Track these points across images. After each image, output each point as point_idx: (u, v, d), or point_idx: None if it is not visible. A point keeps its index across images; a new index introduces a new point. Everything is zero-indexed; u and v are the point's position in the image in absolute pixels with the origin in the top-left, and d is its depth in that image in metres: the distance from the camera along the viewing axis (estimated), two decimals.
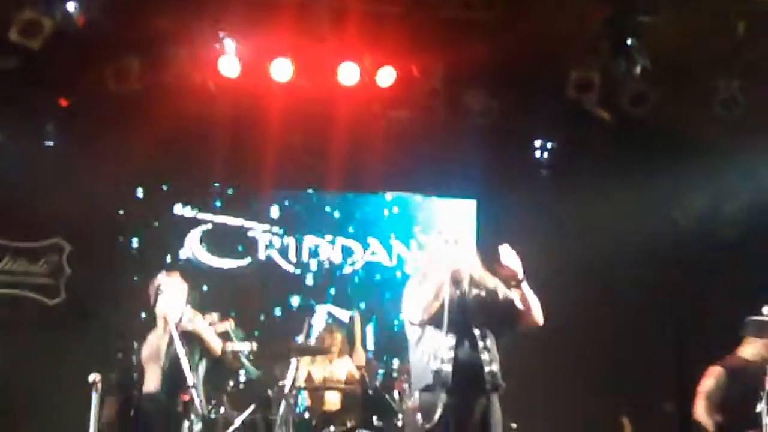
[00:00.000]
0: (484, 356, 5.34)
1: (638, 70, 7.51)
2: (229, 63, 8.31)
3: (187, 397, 5.88)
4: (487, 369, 5.32)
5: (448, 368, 5.23)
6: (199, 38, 8.17)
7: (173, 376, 6.10)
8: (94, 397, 6.33)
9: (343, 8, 7.95)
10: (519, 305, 5.42)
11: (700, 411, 6.65)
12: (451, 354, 5.26)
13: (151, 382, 6.37)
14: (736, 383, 6.55)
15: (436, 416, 5.21)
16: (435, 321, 5.32)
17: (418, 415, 5.36)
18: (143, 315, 6.85)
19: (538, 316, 5.46)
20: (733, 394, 6.53)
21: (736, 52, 7.82)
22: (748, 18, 7.36)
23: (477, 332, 5.37)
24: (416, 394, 5.42)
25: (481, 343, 5.36)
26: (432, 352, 5.32)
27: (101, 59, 8.24)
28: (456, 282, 5.38)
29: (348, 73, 8.52)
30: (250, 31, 8.18)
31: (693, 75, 8.23)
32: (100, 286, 9.43)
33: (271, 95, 8.86)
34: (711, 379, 6.68)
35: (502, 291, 5.47)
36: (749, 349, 6.64)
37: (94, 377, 6.42)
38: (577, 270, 9.57)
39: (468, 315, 5.39)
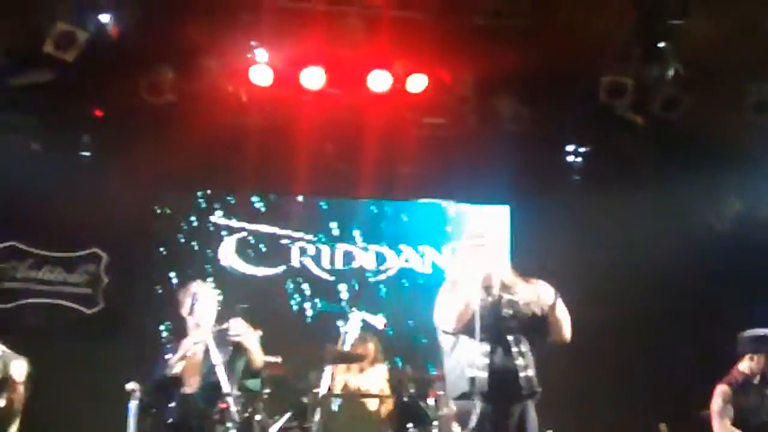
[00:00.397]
0: (519, 361, 5.34)
1: (670, 74, 7.47)
2: (261, 72, 8.38)
3: (224, 405, 5.93)
4: (522, 374, 5.31)
5: (483, 375, 5.23)
6: (231, 48, 8.24)
7: (210, 383, 6.15)
8: (132, 406, 6.38)
9: (373, 15, 7.98)
10: (550, 319, 5.41)
11: (718, 429, 6.69)
12: (486, 360, 5.26)
13: (188, 388, 6.42)
14: (743, 397, 6.59)
15: (472, 423, 5.21)
16: (468, 328, 5.32)
17: (454, 423, 5.37)
18: (179, 323, 6.90)
19: (567, 333, 5.46)
20: (743, 407, 6.57)
21: None
22: None
23: (510, 337, 5.37)
24: (451, 402, 5.43)
25: (515, 349, 5.35)
26: (467, 360, 5.32)
27: (135, 70, 8.33)
28: (487, 288, 5.37)
29: (379, 81, 8.54)
30: (281, 40, 8.23)
31: (725, 79, 8.17)
32: (138, 294, 9.54)
33: (303, 103, 8.91)
34: (718, 398, 6.75)
35: (534, 298, 5.47)
36: (747, 364, 6.68)
37: (132, 386, 6.47)
38: (611, 275, 9.52)
39: (500, 320, 5.39)
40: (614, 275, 9.54)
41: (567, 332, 5.45)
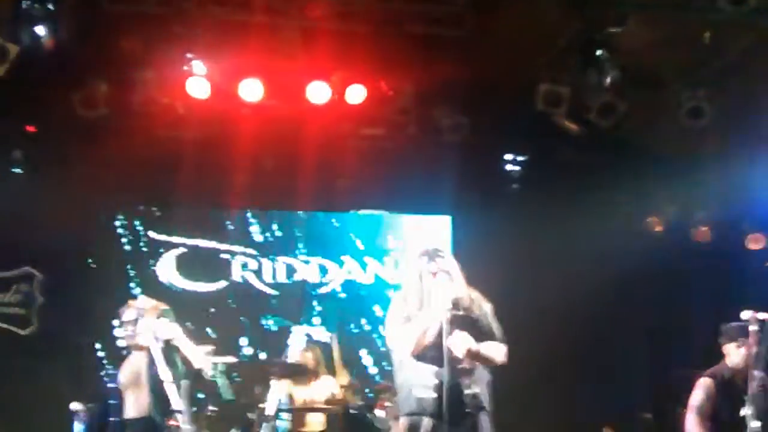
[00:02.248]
0: (465, 379, 5.30)
1: (607, 81, 7.55)
2: (198, 84, 8.25)
3: (173, 422, 5.79)
4: (467, 392, 5.27)
5: (432, 395, 5.18)
6: (166, 60, 8.10)
7: (159, 400, 6.01)
8: (77, 427, 6.22)
9: (312, 27, 7.93)
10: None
11: (690, 425, 6.65)
12: (435, 381, 5.22)
13: (133, 407, 6.27)
14: (725, 393, 6.54)
15: None
16: (424, 356, 5.29)
17: None
18: (120, 341, 6.75)
19: (500, 358, 5.43)
20: (723, 403, 6.53)
21: (702, 62, 7.91)
22: (713, 28, 7.44)
23: (459, 354, 5.33)
24: (403, 417, 5.39)
25: (461, 366, 5.31)
26: (416, 379, 5.28)
27: (68, 84, 8.14)
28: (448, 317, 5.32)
29: (318, 92, 8.48)
30: (218, 52, 8.13)
31: (660, 85, 8.31)
32: (74, 313, 9.32)
33: (241, 116, 8.82)
34: (699, 391, 6.67)
35: (484, 315, 5.45)
36: (733, 357, 6.64)
37: (76, 406, 6.31)
38: (552, 281, 9.61)
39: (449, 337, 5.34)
40: (555, 281, 9.62)
41: (500, 358, 5.42)
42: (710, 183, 9.47)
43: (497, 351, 5.42)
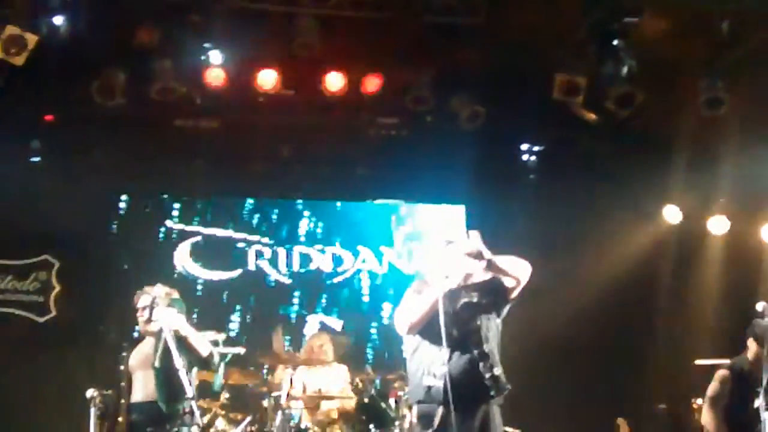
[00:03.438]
0: (482, 363, 5.30)
1: (624, 71, 7.51)
2: (215, 74, 8.28)
3: (187, 409, 5.83)
4: (487, 375, 5.28)
5: (440, 384, 5.18)
6: (184, 50, 8.13)
7: (169, 385, 6.04)
8: (93, 413, 6.27)
9: (328, 17, 7.92)
10: (502, 281, 5.39)
11: (707, 416, 6.66)
12: (444, 369, 5.21)
13: (141, 390, 6.32)
14: (742, 385, 6.54)
15: (434, 426, 5.19)
16: (427, 335, 5.29)
17: (417, 425, 5.35)
18: (135, 327, 6.80)
19: (518, 273, 5.40)
20: (739, 395, 6.53)
21: (721, 52, 7.85)
22: (731, 17, 7.38)
23: (470, 340, 5.34)
24: (415, 405, 5.41)
25: (476, 351, 5.31)
26: (426, 367, 5.29)
27: (86, 74, 8.16)
28: (451, 295, 5.33)
29: (334, 81, 8.50)
30: (235, 41, 8.15)
31: (678, 75, 8.26)
32: (91, 301, 9.39)
33: (257, 105, 8.83)
34: (716, 383, 6.69)
35: (487, 284, 5.46)
36: (752, 351, 6.64)
37: (91, 393, 6.35)
38: (568, 272, 9.59)
39: (461, 324, 5.35)
40: (571, 272, 9.60)
41: (518, 273, 5.39)
42: (728, 173, 9.40)
43: (519, 266, 5.37)
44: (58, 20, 7.14)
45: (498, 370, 5.32)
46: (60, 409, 8.25)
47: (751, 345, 6.62)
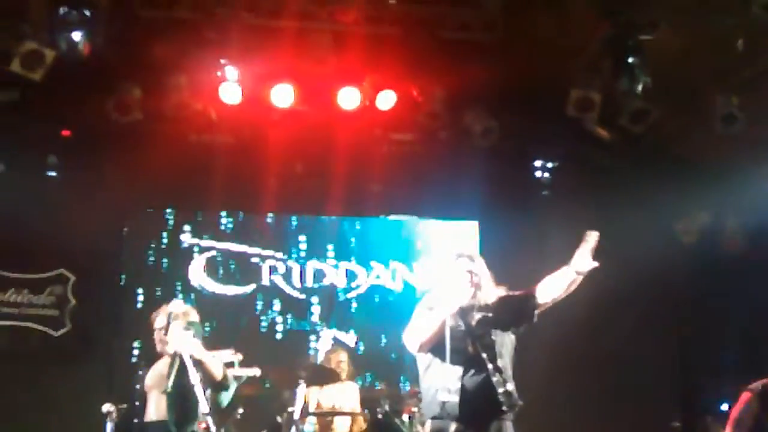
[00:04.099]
0: (496, 378, 5.29)
1: (639, 87, 7.52)
2: (230, 90, 8.33)
3: (203, 425, 5.82)
4: (500, 390, 5.27)
5: (455, 399, 5.19)
6: (199, 66, 8.20)
7: (182, 404, 6.03)
8: (109, 428, 6.28)
9: (342, 32, 7.98)
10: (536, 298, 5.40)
11: None
12: (458, 384, 5.22)
13: (154, 410, 6.31)
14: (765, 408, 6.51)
15: None
16: (438, 352, 5.30)
17: None
18: (150, 344, 6.80)
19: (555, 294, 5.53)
20: (765, 418, 6.49)
21: (736, 68, 7.86)
22: (746, 34, 7.39)
23: (485, 355, 5.33)
24: (428, 421, 5.40)
25: (490, 366, 5.31)
26: (440, 383, 5.29)
27: (102, 89, 8.25)
28: (462, 312, 5.34)
29: (348, 97, 8.54)
30: (250, 57, 8.20)
31: (693, 91, 8.26)
32: (106, 315, 9.42)
33: (272, 121, 8.89)
34: (741, 405, 6.66)
35: (510, 300, 5.48)
36: None
37: (107, 407, 6.35)
38: (581, 289, 9.52)
39: (475, 339, 5.36)
40: (584, 289, 9.53)
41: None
42: (743, 190, 9.37)
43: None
44: (77, 36, 7.19)
45: (511, 386, 5.32)
46: (74, 423, 8.25)
47: None
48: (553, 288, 5.49)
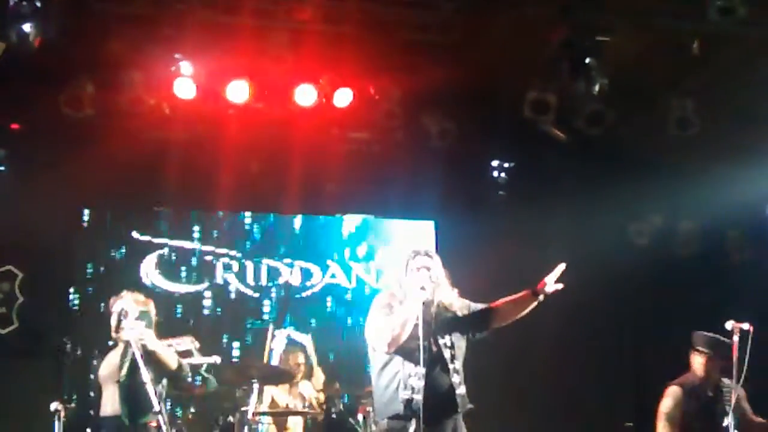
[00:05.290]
0: (455, 379, 5.33)
1: (596, 89, 7.55)
2: (184, 85, 8.22)
3: (154, 424, 5.76)
4: (458, 391, 5.31)
5: (419, 398, 5.18)
6: (154, 60, 8.07)
7: (136, 399, 5.96)
8: (57, 426, 6.18)
9: (300, 29, 7.91)
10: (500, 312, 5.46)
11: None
12: (422, 383, 5.21)
13: (109, 404, 6.22)
14: (693, 400, 6.63)
15: None
16: (404, 351, 5.27)
17: None
18: (102, 337, 6.70)
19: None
20: (691, 411, 6.60)
21: (691, 72, 7.92)
22: (702, 37, 7.45)
23: (448, 354, 5.35)
24: (383, 421, 5.37)
25: (451, 366, 5.34)
26: (401, 381, 5.26)
27: (54, 83, 8.10)
28: (425, 310, 5.32)
29: (305, 95, 8.47)
30: (206, 53, 8.10)
31: (648, 94, 8.32)
32: (55, 313, 9.26)
33: (227, 117, 8.79)
34: (669, 398, 6.76)
35: (470, 307, 5.50)
36: (699, 365, 6.72)
37: (56, 406, 6.25)
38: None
39: (437, 340, 5.36)
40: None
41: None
42: (697, 192, 9.46)
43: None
44: (27, 28, 7.03)
45: (464, 389, 5.35)
46: (22, 422, 8.11)
47: (693, 360, 6.71)
48: (513, 313, 5.54)
